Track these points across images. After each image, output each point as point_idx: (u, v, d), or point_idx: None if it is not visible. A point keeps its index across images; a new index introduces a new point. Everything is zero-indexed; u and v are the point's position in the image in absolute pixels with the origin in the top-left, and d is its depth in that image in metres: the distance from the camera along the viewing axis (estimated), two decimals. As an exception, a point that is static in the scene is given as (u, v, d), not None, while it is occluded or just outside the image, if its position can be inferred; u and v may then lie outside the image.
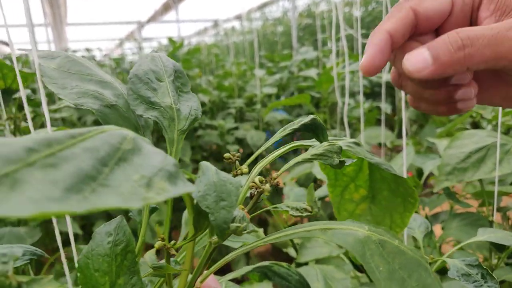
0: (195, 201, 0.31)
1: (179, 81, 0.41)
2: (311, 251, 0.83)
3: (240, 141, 2.37)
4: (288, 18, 4.80)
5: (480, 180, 0.91)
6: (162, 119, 0.37)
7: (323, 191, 0.83)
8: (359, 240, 0.31)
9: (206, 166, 0.29)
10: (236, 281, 0.69)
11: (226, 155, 0.38)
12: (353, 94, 2.14)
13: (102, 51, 4.19)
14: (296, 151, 2.47)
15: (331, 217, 1.84)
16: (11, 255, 0.24)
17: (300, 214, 0.35)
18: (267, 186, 0.34)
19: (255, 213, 0.36)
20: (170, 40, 2.95)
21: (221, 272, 0.55)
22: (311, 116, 0.40)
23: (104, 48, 7.42)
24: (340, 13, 1.11)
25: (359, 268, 0.93)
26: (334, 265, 0.83)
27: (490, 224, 0.87)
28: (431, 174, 1.52)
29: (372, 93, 2.42)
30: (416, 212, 1.13)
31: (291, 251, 1.15)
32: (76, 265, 0.37)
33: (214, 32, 6.11)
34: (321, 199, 0.81)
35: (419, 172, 1.25)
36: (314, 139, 0.42)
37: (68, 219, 0.45)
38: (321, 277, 0.69)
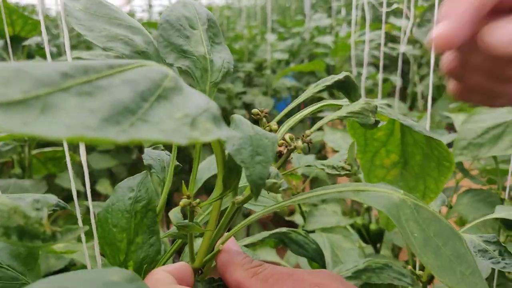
0: (226, 157, 0.30)
1: (211, 30, 0.38)
2: (319, 219, 0.83)
3: (248, 106, 2.34)
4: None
5: (495, 157, 0.89)
6: (194, 69, 0.35)
7: (336, 159, 0.82)
8: (394, 203, 0.29)
9: (240, 119, 0.28)
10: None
11: (254, 110, 0.35)
12: (362, 65, 2.09)
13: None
14: (314, 120, 2.46)
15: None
16: (45, 202, 0.23)
17: (337, 172, 0.33)
18: (299, 143, 0.32)
19: (284, 172, 0.35)
20: None
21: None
22: (344, 73, 0.38)
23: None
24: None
25: (365, 239, 0.92)
26: (342, 234, 0.82)
27: (502, 202, 0.86)
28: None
29: (385, 66, 2.37)
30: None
31: (297, 219, 1.14)
32: (96, 218, 0.36)
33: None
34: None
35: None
36: (344, 99, 0.40)
37: (71, 173, 0.43)
38: (328, 245, 0.69)
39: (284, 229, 0.52)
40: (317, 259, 0.50)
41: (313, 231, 0.83)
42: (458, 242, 0.29)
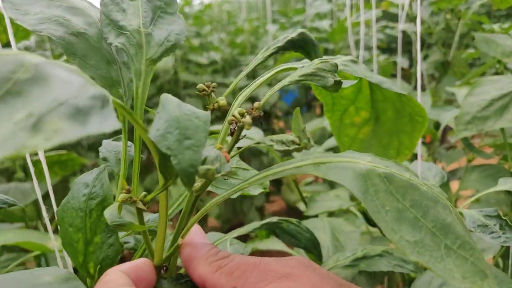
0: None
1: (160, 0, 0.35)
2: (320, 204, 0.80)
3: (253, 99, 2.32)
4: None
5: (503, 131, 0.85)
6: (129, 46, 0.31)
7: (332, 141, 0.79)
8: (360, 174, 0.26)
9: (167, 98, 0.25)
10: (245, 238, 0.66)
11: (200, 86, 0.32)
12: (369, 49, 2.05)
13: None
14: (310, 106, 2.42)
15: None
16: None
17: (286, 148, 0.29)
18: (247, 119, 0.29)
19: (236, 153, 0.32)
20: (181, -3, 2.87)
21: (233, 230, 0.52)
22: (299, 30, 0.34)
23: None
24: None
25: (370, 222, 0.89)
26: (346, 218, 0.80)
27: (512, 176, 0.82)
28: (449, 129, 1.46)
29: (388, 48, 2.32)
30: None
31: (302, 206, 1.12)
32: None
33: (227, -10, 5.93)
34: (331, 150, 0.77)
35: (437, 126, 1.19)
36: (305, 60, 0.37)
37: (46, 168, 0.41)
38: (329, 229, 0.66)
39: (275, 219, 0.50)
40: (311, 249, 0.48)
41: (316, 216, 0.81)
42: (442, 210, 0.26)
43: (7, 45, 1.20)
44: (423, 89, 1.59)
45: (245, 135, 0.30)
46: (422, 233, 0.24)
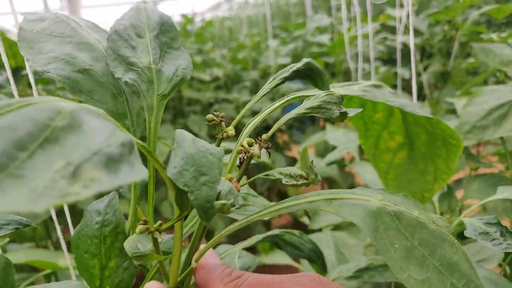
0: None
1: (166, 35, 0.36)
2: (324, 218, 0.81)
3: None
4: (302, -12, 4.67)
5: (502, 140, 0.86)
6: (140, 82, 0.32)
7: (335, 154, 0.80)
8: (370, 212, 0.26)
9: (181, 135, 0.26)
10: (253, 250, 0.67)
11: (209, 116, 0.33)
12: (369, 60, 2.07)
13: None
14: (313, 119, 2.43)
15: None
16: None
17: (295, 182, 0.30)
18: (256, 150, 0.30)
19: (246, 182, 0.33)
20: (183, 15, 2.91)
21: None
22: (305, 60, 0.35)
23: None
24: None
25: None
26: (349, 231, 0.80)
27: (514, 184, 0.83)
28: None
29: (390, 59, 2.34)
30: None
31: (306, 220, 1.13)
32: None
33: (228, 7, 6.01)
34: (333, 163, 0.78)
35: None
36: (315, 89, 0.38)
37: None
38: (332, 243, 0.67)
39: (277, 231, 0.51)
40: (314, 259, 0.49)
41: (320, 230, 0.81)
42: (449, 248, 0.26)
43: (17, 69, 1.22)
44: (424, 99, 1.60)
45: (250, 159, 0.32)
46: (429, 271, 0.25)
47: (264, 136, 0.31)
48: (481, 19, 2.65)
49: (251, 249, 0.53)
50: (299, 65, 0.35)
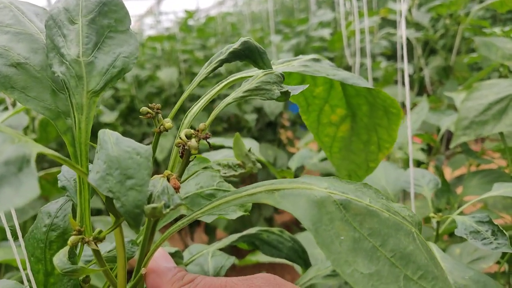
0: None
1: (110, 17, 0.31)
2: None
3: (258, 110, 2.32)
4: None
5: (502, 135, 0.84)
6: (69, 77, 0.28)
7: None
8: (314, 201, 0.24)
9: (104, 135, 0.23)
10: (236, 250, 0.65)
11: (143, 109, 0.29)
12: (373, 56, 2.04)
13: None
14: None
15: None
16: None
17: (233, 172, 0.28)
18: (193, 142, 0.27)
19: (187, 178, 0.31)
20: (186, 11, 2.90)
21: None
22: (242, 39, 0.32)
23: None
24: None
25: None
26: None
27: (513, 181, 0.81)
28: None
29: (394, 55, 2.31)
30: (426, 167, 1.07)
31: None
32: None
33: (233, 3, 5.98)
34: (325, 160, 0.76)
35: (440, 131, 1.18)
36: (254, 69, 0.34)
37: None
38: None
39: (254, 230, 0.49)
40: (293, 258, 0.47)
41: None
42: (404, 238, 0.24)
43: None
44: (428, 94, 1.58)
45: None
46: (380, 264, 0.22)
47: (202, 125, 0.29)
48: (486, 14, 2.61)
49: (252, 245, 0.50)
50: (235, 45, 0.32)
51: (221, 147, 0.87)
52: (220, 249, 0.47)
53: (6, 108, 1.10)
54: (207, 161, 0.58)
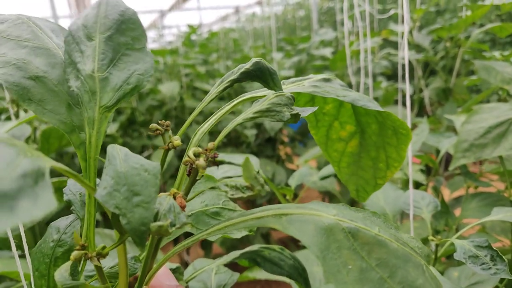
0: None
1: (127, 34, 0.31)
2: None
3: (258, 126, 2.33)
4: (309, 2, 4.70)
5: (501, 158, 0.84)
6: (83, 92, 0.29)
7: (329, 169, 0.79)
8: (322, 228, 0.24)
9: (113, 151, 0.23)
10: (238, 266, 0.65)
11: (152, 125, 0.30)
12: (374, 76, 2.06)
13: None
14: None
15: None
16: None
17: (241, 194, 0.28)
18: (201, 161, 0.27)
19: (193, 196, 0.30)
20: (189, 26, 2.93)
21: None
22: (254, 60, 0.32)
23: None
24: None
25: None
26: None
27: (512, 204, 0.81)
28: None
29: (394, 75, 2.33)
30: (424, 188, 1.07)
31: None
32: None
33: (236, 19, 6.05)
34: (327, 178, 0.77)
35: (439, 153, 1.18)
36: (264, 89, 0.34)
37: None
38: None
39: (255, 247, 0.49)
40: (295, 276, 0.47)
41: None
42: (413, 270, 0.23)
43: None
44: (427, 114, 1.59)
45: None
46: None
47: (210, 145, 0.29)
48: (485, 37, 2.64)
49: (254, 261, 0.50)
50: (247, 65, 0.33)
51: (221, 162, 0.87)
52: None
53: (8, 118, 1.10)
54: (212, 179, 0.58)
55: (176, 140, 0.30)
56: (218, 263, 0.45)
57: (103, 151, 0.26)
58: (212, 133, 2.13)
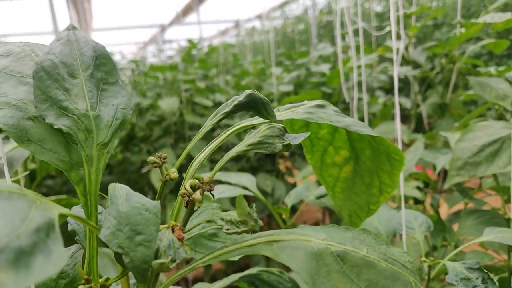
0: None
1: (102, 69, 0.32)
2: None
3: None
4: (308, 16, 4.75)
5: (495, 176, 0.85)
6: (77, 131, 0.29)
7: (323, 188, 0.79)
8: (311, 253, 0.24)
9: (115, 190, 0.24)
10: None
11: (150, 159, 0.31)
12: (372, 90, 2.08)
13: (125, 54, 4.23)
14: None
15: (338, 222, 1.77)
16: None
17: (236, 229, 0.28)
18: (197, 195, 0.28)
19: (191, 228, 0.31)
20: (189, 40, 2.96)
21: (238, 272, 0.52)
22: (247, 92, 0.34)
23: (129, 52, 7.55)
24: (353, 9, 1.07)
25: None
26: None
27: (507, 222, 0.81)
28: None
29: (393, 88, 2.34)
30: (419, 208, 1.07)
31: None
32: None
33: (236, 33, 6.10)
34: (322, 197, 0.77)
35: (436, 170, 1.19)
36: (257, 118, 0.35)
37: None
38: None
39: (255, 270, 0.50)
40: (293, 299, 0.47)
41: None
42: None
43: None
44: (423, 131, 1.60)
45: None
46: None
47: (206, 178, 0.29)
48: (483, 50, 2.66)
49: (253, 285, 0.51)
50: (240, 97, 0.34)
51: (219, 181, 0.88)
52: None
53: (7, 137, 1.11)
54: (207, 198, 0.59)
55: (173, 173, 0.31)
56: (218, 286, 0.46)
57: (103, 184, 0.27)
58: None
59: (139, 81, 2.78)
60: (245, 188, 0.77)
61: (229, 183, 0.79)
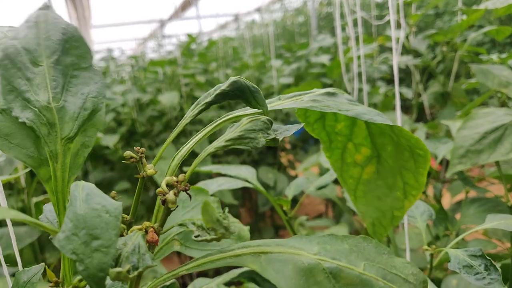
0: None
1: (72, 54, 0.29)
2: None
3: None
4: (308, 8, 4.72)
5: (498, 163, 0.84)
6: (39, 125, 0.27)
7: (325, 178, 0.78)
8: (301, 269, 0.22)
9: (75, 190, 0.22)
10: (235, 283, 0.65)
11: (127, 153, 0.29)
12: (372, 80, 2.06)
13: (125, 51, 4.22)
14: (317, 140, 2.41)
15: (338, 219, 1.75)
16: None
17: (206, 236, 0.26)
18: (171, 196, 0.26)
19: (169, 229, 0.29)
20: (188, 35, 2.94)
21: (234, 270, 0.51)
22: (232, 79, 0.31)
23: (129, 48, 7.53)
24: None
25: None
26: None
27: (510, 210, 0.80)
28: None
29: (393, 79, 2.33)
30: (422, 198, 1.06)
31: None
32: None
33: (235, 26, 6.08)
34: (324, 187, 0.76)
35: (437, 159, 1.18)
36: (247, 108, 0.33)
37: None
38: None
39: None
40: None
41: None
42: None
43: None
44: (425, 121, 1.58)
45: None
46: None
47: (181, 177, 0.27)
48: (485, 38, 2.64)
49: (253, 280, 0.50)
50: (224, 86, 0.31)
51: (218, 174, 0.87)
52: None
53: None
54: (203, 191, 0.58)
55: (150, 169, 0.29)
56: (217, 282, 0.45)
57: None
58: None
59: (139, 77, 2.77)
60: (245, 180, 0.76)
61: (230, 176, 0.78)
